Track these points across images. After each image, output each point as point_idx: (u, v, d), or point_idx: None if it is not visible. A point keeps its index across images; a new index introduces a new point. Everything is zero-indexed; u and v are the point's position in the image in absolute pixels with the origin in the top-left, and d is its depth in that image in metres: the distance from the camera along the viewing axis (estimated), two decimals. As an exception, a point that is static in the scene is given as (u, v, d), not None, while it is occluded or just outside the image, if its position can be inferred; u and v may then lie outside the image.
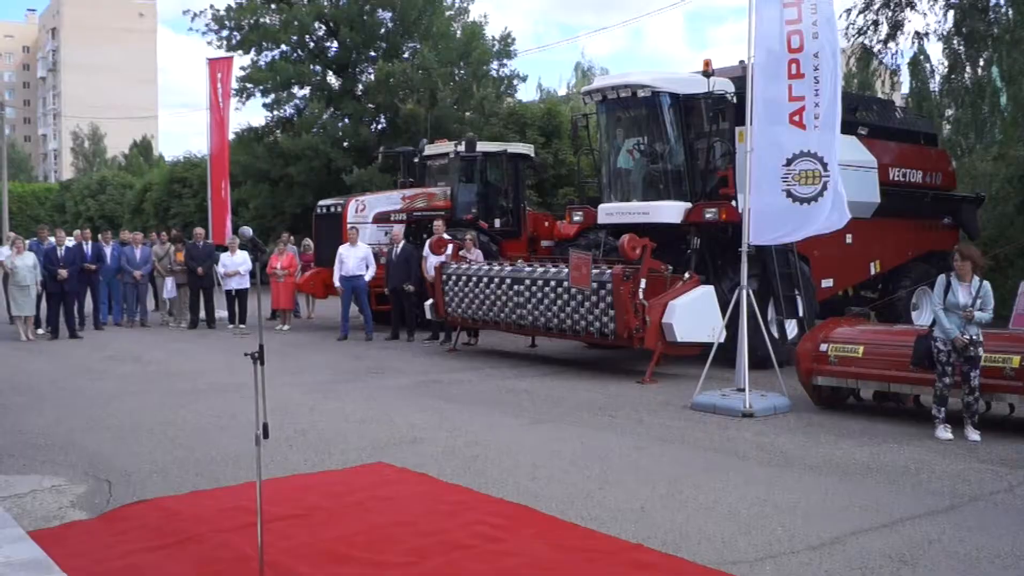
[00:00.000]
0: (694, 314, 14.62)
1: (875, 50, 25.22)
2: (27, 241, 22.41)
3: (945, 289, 10.78)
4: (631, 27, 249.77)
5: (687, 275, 15.38)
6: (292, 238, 25.24)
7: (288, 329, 22.76)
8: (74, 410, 12.60)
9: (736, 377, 12.76)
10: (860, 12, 24.42)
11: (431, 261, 19.53)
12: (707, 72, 16.02)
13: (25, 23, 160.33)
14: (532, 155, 25.01)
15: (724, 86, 16.52)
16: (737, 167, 15.87)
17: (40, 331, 21.71)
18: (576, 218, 19.01)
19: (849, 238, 17.48)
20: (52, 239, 21.92)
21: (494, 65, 37.64)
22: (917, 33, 25.04)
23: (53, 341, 20.77)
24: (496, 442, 10.44)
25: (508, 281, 16.76)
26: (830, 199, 12.26)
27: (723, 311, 13.81)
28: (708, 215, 16.27)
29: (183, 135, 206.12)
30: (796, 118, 12.34)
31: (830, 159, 12.23)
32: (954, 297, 10.66)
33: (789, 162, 12.32)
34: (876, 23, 24.41)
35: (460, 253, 19.16)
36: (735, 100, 16.25)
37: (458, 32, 37.50)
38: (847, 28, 24.67)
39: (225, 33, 37.30)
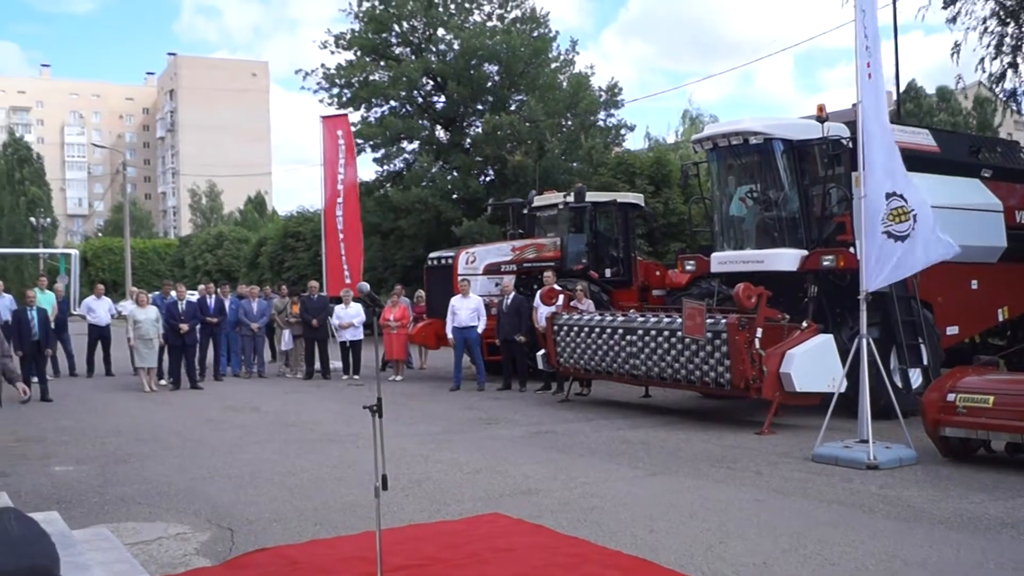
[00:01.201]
0: (813, 363, 14.30)
1: (1019, 92, 24.69)
2: (150, 295, 22.92)
3: None
4: (739, 72, 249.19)
5: (805, 324, 15.08)
6: (404, 290, 25.41)
7: (401, 379, 22.84)
8: (196, 459, 12.74)
9: (859, 428, 12.38)
10: (993, 58, 23.94)
11: (542, 311, 19.45)
12: (821, 117, 15.78)
13: (144, 85, 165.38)
14: (642, 204, 24.91)
15: (839, 131, 16.22)
16: (854, 213, 15.57)
17: (162, 382, 22.18)
18: (688, 267, 18.82)
19: (975, 283, 17.00)
20: (174, 293, 22.42)
21: (601, 115, 37.73)
22: None
23: (175, 392, 21.17)
24: (612, 493, 10.27)
25: (620, 331, 16.61)
26: (920, 236, 11.96)
27: (843, 360, 13.49)
28: (825, 262, 15.95)
29: (295, 190, 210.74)
30: None
31: (907, 193, 11.96)
32: None
33: (886, 201, 12.09)
34: (1014, 65, 23.86)
35: (571, 303, 19.07)
36: (850, 144, 15.97)
37: (564, 83, 37.64)
38: (987, 77, 24.24)
39: (335, 91, 37.94)
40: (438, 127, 39.36)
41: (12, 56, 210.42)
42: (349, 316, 23.16)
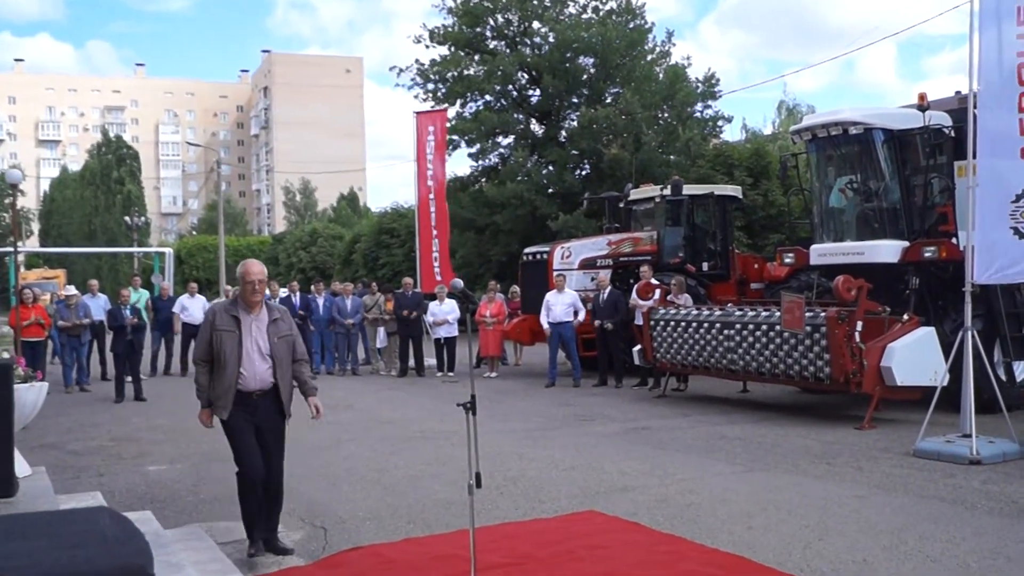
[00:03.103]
0: (914, 357, 14.19)
1: None
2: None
3: None
4: (840, 60, 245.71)
5: (906, 316, 14.96)
6: (499, 286, 25.56)
7: (496, 376, 23.03)
8: (290, 457, 12.82)
9: (961, 422, 12.27)
10: None
11: (638, 306, 19.52)
12: (922, 106, 15.64)
13: (238, 83, 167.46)
14: (740, 196, 24.81)
15: (940, 120, 16.09)
16: (958, 203, 15.42)
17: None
18: (787, 260, 18.73)
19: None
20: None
21: (698, 106, 37.58)
22: None
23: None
24: (709, 490, 10.33)
25: (718, 325, 16.61)
26: None
27: (945, 353, 13.37)
28: (927, 254, 15.81)
29: (389, 187, 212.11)
30: None
31: None
32: None
33: (1018, 198, 11.81)
34: None
35: (668, 298, 19.10)
36: (953, 134, 15.82)
37: (661, 75, 37.55)
38: None
39: (430, 86, 38.23)
40: (533, 121, 39.46)
41: (106, 55, 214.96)
42: (443, 313, 23.32)
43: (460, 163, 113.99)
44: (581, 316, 20.78)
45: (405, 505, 9.92)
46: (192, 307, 25.11)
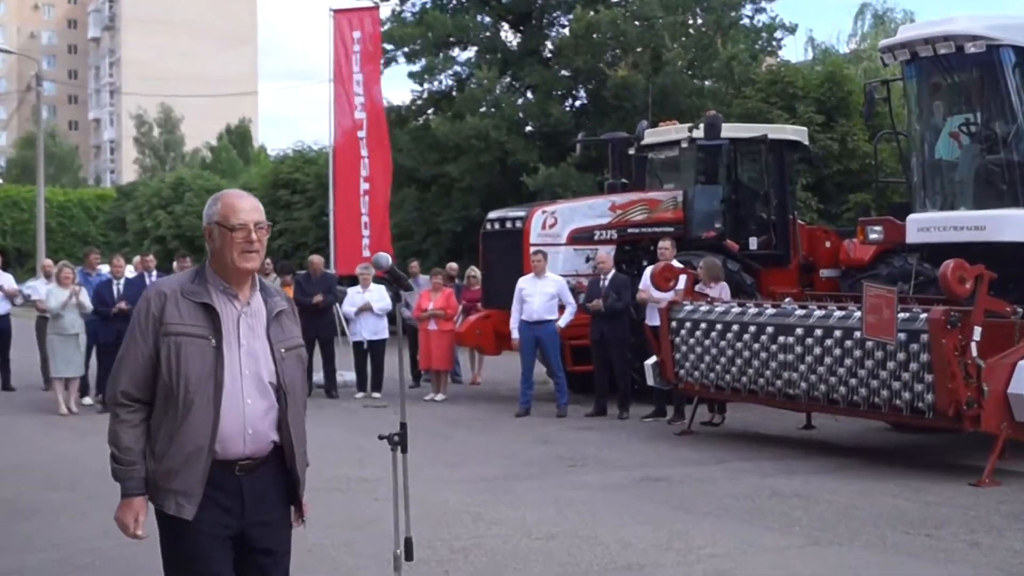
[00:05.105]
0: (1059, 381, 14.24)
1: None
2: (76, 270, 22.95)
3: None
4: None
5: (1046, 321, 15.00)
6: (454, 269, 25.51)
7: (443, 399, 23.02)
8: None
9: None
10: None
11: (653, 299, 19.44)
12: (1075, 12, 15.66)
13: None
14: (805, 142, 24.81)
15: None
16: None
17: (87, 400, 22.06)
18: (873, 236, 18.74)
19: None
20: (105, 269, 22.42)
21: (747, 10, 37.60)
22: None
23: (105, 415, 21.15)
24: (754, 570, 10.35)
25: (770, 330, 16.57)
26: None
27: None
28: (1078, 230, 15.87)
29: (293, 118, 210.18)
30: None
31: None
32: None
33: None
34: None
35: (697, 288, 19.03)
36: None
37: (692, -39, 37.61)
38: None
39: (354, -29, 38.13)
40: (505, 27, 39.38)
41: None
42: (369, 303, 23.10)
43: (397, 85, 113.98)
44: (570, 315, 20.61)
45: (304, 586, 9.86)
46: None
